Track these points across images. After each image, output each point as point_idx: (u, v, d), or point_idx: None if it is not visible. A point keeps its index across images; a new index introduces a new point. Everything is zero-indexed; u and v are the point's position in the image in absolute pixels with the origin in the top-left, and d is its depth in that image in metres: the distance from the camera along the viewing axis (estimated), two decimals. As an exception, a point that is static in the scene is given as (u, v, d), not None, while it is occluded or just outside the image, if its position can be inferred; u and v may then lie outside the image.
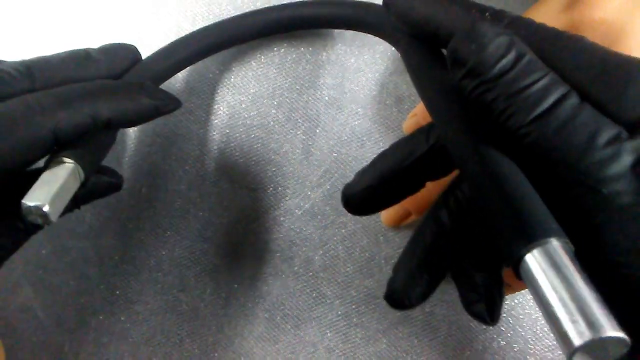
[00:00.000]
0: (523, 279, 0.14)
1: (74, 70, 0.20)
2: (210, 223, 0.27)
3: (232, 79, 0.28)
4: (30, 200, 0.17)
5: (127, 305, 0.27)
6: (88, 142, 0.20)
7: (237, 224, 0.27)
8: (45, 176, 0.18)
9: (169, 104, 0.22)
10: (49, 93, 0.19)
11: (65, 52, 0.21)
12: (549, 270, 0.13)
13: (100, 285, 0.27)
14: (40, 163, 0.19)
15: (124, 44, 0.22)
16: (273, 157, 0.28)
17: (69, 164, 0.19)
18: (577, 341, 0.12)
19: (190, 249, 0.27)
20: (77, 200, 0.20)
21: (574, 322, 0.12)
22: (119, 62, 0.22)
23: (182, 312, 0.27)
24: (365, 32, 0.25)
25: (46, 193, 0.18)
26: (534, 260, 0.13)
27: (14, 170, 0.18)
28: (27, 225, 0.19)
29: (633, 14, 0.22)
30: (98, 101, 0.19)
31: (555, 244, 0.13)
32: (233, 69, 0.28)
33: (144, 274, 0.27)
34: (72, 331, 0.26)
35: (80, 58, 0.21)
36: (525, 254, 0.14)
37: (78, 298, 0.27)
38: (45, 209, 0.17)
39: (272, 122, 0.28)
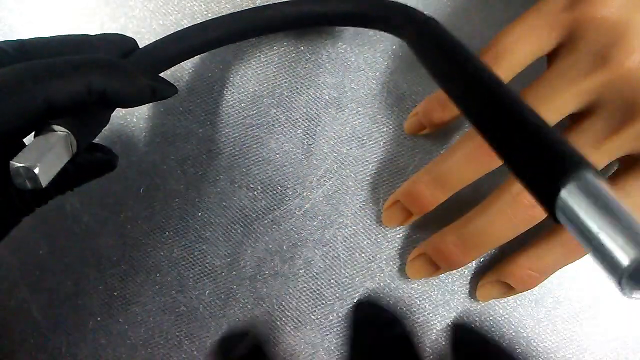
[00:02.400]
0: (560, 219, 0.14)
1: (70, 53, 0.20)
2: (209, 223, 0.27)
3: (231, 78, 0.28)
4: (20, 161, 0.16)
5: (125, 306, 0.26)
6: (82, 115, 0.19)
7: (236, 224, 0.27)
8: (36, 141, 0.17)
9: (166, 88, 0.21)
10: (42, 62, 0.18)
11: (61, 35, 0.20)
12: (587, 200, 0.13)
13: (98, 286, 0.26)
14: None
15: (123, 34, 0.22)
16: (273, 157, 0.27)
17: (61, 132, 0.18)
18: (625, 260, 0.12)
19: (189, 250, 0.27)
20: (70, 179, 0.20)
21: (620, 243, 0.12)
22: (116, 50, 0.21)
23: (181, 313, 0.26)
24: (371, 28, 0.24)
25: (37, 155, 0.17)
26: (570, 194, 0.13)
27: (4, 143, 0.17)
28: (18, 202, 0.18)
29: (635, 12, 0.22)
30: (94, 72, 0.18)
31: (588, 175, 0.13)
32: (232, 68, 0.28)
33: (141, 275, 0.27)
34: (69, 333, 0.26)
35: (78, 41, 0.20)
36: (560, 191, 0.14)
37: (75, 299, 0.26)
38: (36, 170, 0.16)
39: (271, 122, 0.28)
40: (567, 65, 0.23)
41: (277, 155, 0.27)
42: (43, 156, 0.17)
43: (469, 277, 0.27)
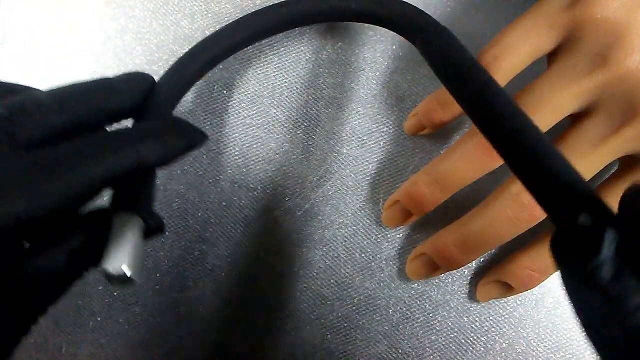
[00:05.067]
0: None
1: (102, 102, 0.20)
2: (209, 224, 0.27)
3: (231, 78, 0.28)
4: (110, 265, 0.17)
5: (125, 306, 0.26)
6: (141, 188, 0.20)
7: (236, 224, 0.27)
8: (115, 236, 0.18)
9: (200, 139, 0.23)
10: (96, 139, 0.19)
11: (90, 81, 0.21)
12: None
13: (98, 286, 0.26)
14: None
15: (140, 73, 0.23)
16: (273, 156, 0.27)
17: (133, 218, 0.19)
18: None
19: (189, 250, 0.27)
20: None
21: None
22: (138, 91, 0.22)
23: (181, 313, 0.26)
24: (383, 27, 0.24)
25: (123, 255, 0.18)
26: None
27: (62, 216, 0.18)
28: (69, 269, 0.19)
29: (635, 12, 0.22)
30: (143, 146, 0.19)
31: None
32: (232, 68, 0.28)
33: (142, 275, 0.27)
34: (70, 332, 0.26)
35: (105, 88, 0.21)
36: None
37: (76, 299, 0.26)
38: (128, 273, 0.17)
39: (271, 122, 0.28)
40: (567, 66, 0.23)
41: (277, 155, 0.27)
42: (129, 254, 0.18)
43: (469, 277, 0.27)
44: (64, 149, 0.18)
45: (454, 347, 0.26)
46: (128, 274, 0.17)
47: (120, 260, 0.18)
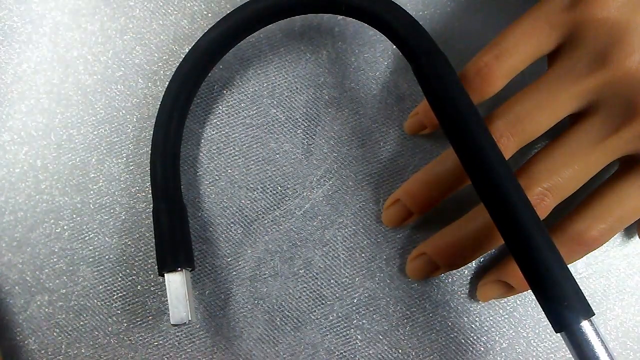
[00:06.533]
0: (573, 342, 0.19)
1: None
2: (209, 223, 0.27)
3: (231, 78, 0.28)
4: (176, 320, 0.23)
5: (124, 306, 0.26)
6: (180, 244, 0.24)
7: (236, 224, 0.27)
8: (171, 293, 0.23)
9: None
10: None
11: None
12: (595, 337, 0.19)
13: (98, 286, 0.26)
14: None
15: None
16: (273, 156, 0.27)
17: (180, 274, 0.23)
18: None
19: (189, 250, 0.27)
20: None
21: None
22: None
23: (181, 313, 0.26)
24: (387, 37, 0.24)
25: (183, 309, 0.23)
26: (585, 329, 0.19)
27: None
28: None
29: (635, 13, 0.22)
30: None
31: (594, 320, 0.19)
32: (232, 67, 0.28)
33: (142, 275, 0.27)
34: (69, 333, 0.26)
35: None
36: (580, 323, 0.19)
37: (76, 299, 0.26)
38: (189, 321, 0.23)
39: (271, 122, 0.28)
40: (567, 66, 0.23)
41: (277, 155, 0.27)
42: (187, 306, 0.23)
43: (469, 277, 0.27)
44: None
45: (454, 347, 0.26)
46: (189, 321, 0.23)
47: (181, 314, 0.23)
